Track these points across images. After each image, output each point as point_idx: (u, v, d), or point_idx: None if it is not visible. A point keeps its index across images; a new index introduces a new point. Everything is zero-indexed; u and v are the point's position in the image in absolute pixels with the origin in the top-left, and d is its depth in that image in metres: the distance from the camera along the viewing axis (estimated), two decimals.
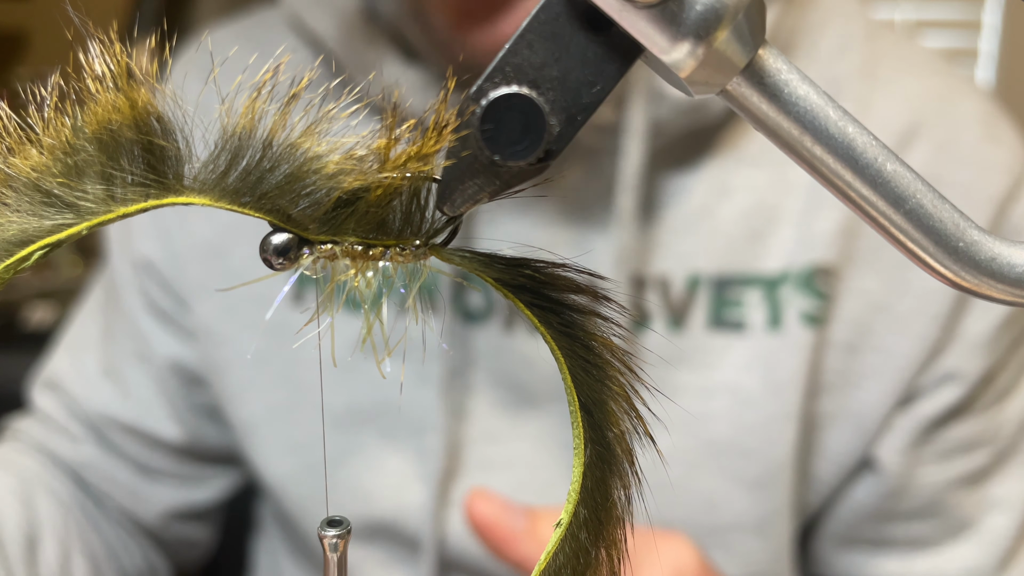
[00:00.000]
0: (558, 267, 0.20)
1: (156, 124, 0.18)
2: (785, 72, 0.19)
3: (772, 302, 0.49)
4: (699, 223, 0.49)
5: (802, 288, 0.49)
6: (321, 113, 0.18)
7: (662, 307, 0.50)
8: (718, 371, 0.50)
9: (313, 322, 0.20)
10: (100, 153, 0.17)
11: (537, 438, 0.52)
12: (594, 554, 0.20)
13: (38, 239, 0.17)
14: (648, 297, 0.50)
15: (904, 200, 0.19)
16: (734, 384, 0.49)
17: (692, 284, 0.50)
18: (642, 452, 0.20)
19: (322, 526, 0.22)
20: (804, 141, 0.19)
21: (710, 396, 0.50)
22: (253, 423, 0.55)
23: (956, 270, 0.20)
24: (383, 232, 0.19)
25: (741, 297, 0.49)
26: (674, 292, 0.50)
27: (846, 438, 0.50)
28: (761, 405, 0.49)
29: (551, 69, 0.19)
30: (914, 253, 0.20)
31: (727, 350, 0.50)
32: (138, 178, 0.17)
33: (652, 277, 0.50)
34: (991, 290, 0.20)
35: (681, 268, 0.50)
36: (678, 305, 0.50)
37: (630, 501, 0.20)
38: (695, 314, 0.50)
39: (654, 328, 0.50)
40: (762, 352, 0.49)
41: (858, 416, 0.50)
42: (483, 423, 0.53)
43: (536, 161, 0.19)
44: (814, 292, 0.48)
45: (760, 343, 0.49)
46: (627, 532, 0.20)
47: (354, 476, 0.54)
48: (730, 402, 0.50)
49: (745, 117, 0.19)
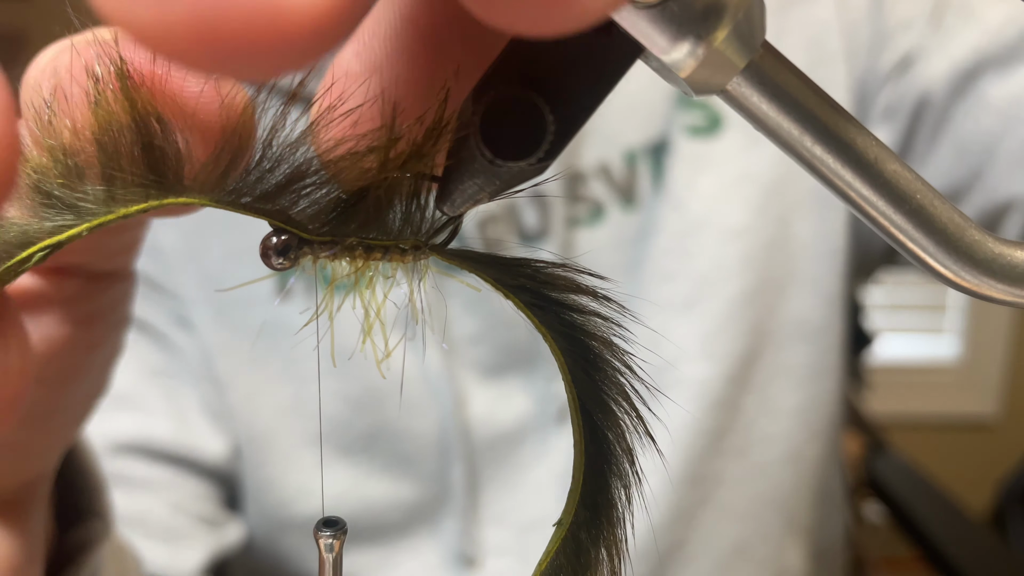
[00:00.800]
0: (558, 267, 0.20)
1: (156, 125, 0.17)
2: (785, 72, 0.19)
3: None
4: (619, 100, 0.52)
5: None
6: (319, 113, 0.18)
7: (610, 191, 0.52)
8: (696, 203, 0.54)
9: (312, 323, 0.20)
10: (100, 154, 0.17)
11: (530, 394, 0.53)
12: (594, 554, 0.20)
13: (39, 241, 0.17)
14: (593, 186, 0.52)
15: (904, 200, 0.19)
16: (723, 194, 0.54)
17: (630, 159, 0.52)
18: (642, 451, 0.20)
19: (318, 526, 0.22)
20: (804, 141, 0.19)
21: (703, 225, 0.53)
22: (268, 432, 0.54)
23: (956, 270, 0.20)
24: (383, 232, 0.19)
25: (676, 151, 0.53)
26: (616, 173, 0.52)
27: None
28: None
29: (551, 69, 0.19)
30: (914, 253, 0.20)
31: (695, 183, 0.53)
32: (138, 179, 0.17)
33: (590, 168, 0.52)
34: (991, 290, 0.20)
35: (615, 148, 0.53)
36: (623, 184, 0.52)
37: (631, 500, 0.20)
38: (642, 185, 0.53)
39: (611, 214, 0.54)
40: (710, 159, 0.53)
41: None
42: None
43: (536, 162, 0.19)
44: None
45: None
46: (628, 531, 0.20)
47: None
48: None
49: (745, 117, 0.19)
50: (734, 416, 0.55)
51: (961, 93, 0.52)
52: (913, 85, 0.53)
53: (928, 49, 0.53)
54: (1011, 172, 0.50)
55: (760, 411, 0.55)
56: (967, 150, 0.52)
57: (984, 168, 0.51)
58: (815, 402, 0.56)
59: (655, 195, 0.54)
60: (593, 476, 0.20)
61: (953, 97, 0.52)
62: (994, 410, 1.96)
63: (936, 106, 0.53)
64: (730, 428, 0.55)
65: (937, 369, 1.94)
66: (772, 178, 0.54)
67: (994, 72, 0.51)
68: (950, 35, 0.52)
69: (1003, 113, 0.50)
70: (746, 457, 0.55)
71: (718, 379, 0.54)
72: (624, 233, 0.54)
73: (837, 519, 0.62)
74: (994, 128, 0.50)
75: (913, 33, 0.53)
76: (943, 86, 0.52)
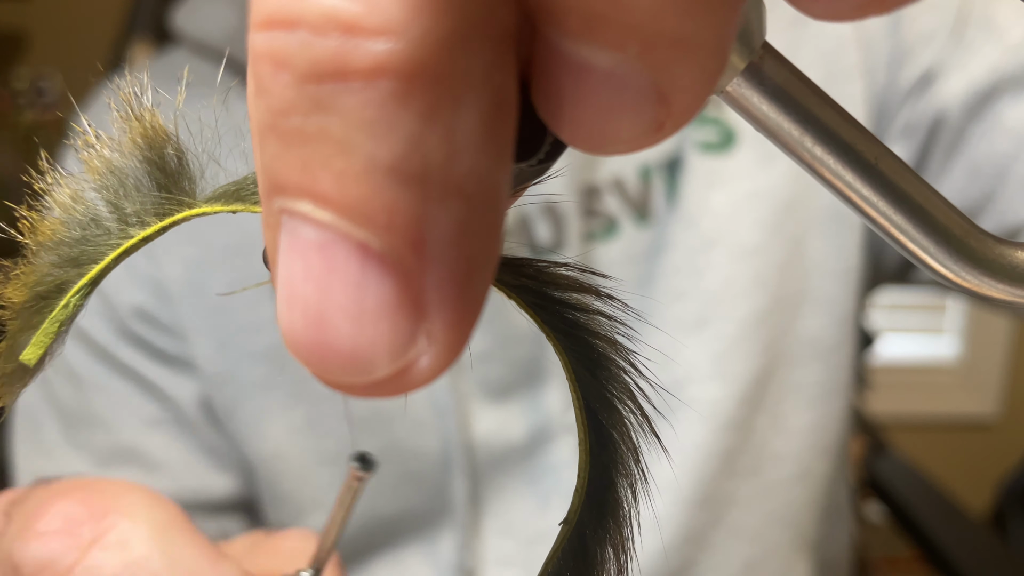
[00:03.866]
0: (561, 266, 0.20)
1: (169, 148, 0.18)
2: (785, 73, 0.19)
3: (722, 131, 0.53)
4: None
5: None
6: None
7: (624, 206, 0.52)
8: (708, 219, 0.54)
9: None
10: (109, 192, 0.18)
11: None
12: (600, 553, 0.20)
13: (72, 285, 0.18)
14: (607, 201, 0.52)
15: (905, 200, 0.19)
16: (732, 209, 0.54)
17: (644, 174, 0.52)
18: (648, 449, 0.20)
19: (353, 456, 0.22)
20: (804, 142, 0.19)
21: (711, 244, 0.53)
22: (279, 452, 0.54)
23: (956, 270, 0.20)
24: None
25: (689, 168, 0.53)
26: (630, 188, 0.52)
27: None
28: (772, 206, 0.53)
29: None
30: (914, 253, 0.20)
31: (707, 199, 0.53)
32: (154, 204, 0.18)
33: (605, 181, 0.52)
34: (991, 290, 0.20)
35: (630, 164, 0.52)
36: (637, 199, 0.52)
37: (636, 499, 0.20)
38: (656, 201, 0.53)
39: (624, 229, 0.54)
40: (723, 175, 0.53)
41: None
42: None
43: (536, 163, 0.19)
44: None
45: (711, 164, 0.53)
46: (634, 530, 0.21)
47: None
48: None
49: (745, 118, 0.20)
50: (746, 436, 0.55)
51: (977, 114, 0.52)
52: (932, 103, 0.53)
53: (949, 65, 0.52)
54: (1022, 196, 0.49)
55: (771, 430, 0.55)
56: (980, 172, 0.51)
57: (996, 191, 0.51)
58: (826, 420, 0.56)
59: (669, 211, 0.53)
60: (598, 475, 0.20)
61: (969, 117, 0.52)
62: (994, 410, 1.96)
63: (952, 125, 0.52)
64: (742, 449, 0.55)
65: (937, 369, 1.94)
66: (785, 196, 0.54)
67: (1011, 94, 0.50)
68: (971, 51, 0.52)
69: (1017, 136, 0.50)
70: (757, 477, 0.55)
71: (730, 400, 0.54)
72: (637, 249, 0.54)
73: (843, 531, 0.62)
74: (1008, 151, 0.50)
75: (935, 46, 0.53)
76: (959, 105, 0.52)
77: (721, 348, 0.53)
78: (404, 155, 0.11)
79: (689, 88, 0.13)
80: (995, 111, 0.50)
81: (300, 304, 0.12)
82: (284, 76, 0.11)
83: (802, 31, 0.54)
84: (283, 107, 0.11)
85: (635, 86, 0.12)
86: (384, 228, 0.12)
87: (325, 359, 0.12)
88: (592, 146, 0.13)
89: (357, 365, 0.12)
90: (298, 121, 0.11)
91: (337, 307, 0.12)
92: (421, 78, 0.11)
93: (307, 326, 0.12)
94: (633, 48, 0.12)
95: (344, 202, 0.11)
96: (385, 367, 0.12)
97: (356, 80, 0.11)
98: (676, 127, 0.13)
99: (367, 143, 0.11)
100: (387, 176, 0.11)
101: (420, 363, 0.12)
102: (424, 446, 0.53)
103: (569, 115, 0.13)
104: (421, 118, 0.11)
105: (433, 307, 0.12)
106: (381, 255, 0.12)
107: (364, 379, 0.12)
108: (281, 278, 0.12)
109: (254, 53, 0.12)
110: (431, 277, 0.12)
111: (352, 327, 0.12)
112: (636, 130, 0.13)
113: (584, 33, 0.12)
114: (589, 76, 0.12)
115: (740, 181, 0.53)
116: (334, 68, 0.11)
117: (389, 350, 0.12)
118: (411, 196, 0.12)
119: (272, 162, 0.12)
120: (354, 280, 0.12)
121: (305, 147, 0.11)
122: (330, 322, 0.12)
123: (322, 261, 0.12)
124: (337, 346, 0.12)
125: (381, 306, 0.12)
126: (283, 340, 0.13)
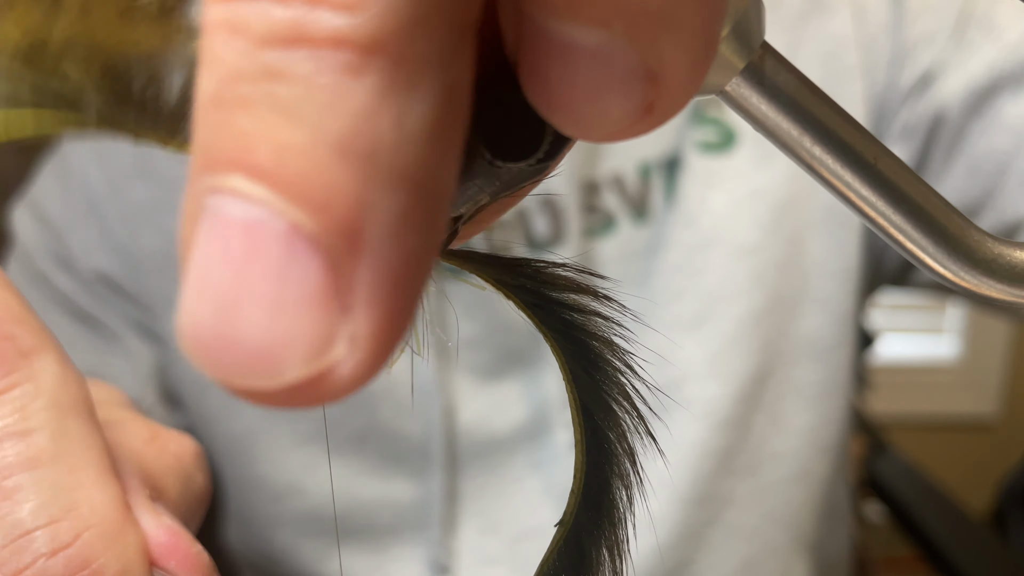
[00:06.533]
0: (558, 267, 0.20)
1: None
2: (784, 72, 0.19)
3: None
4: None
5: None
6: None
7: (622, 203, 0.52)
8: (707, 216, 0.54)
9: None
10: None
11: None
12: (595, 555, 0.20)
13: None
14: (606, 197, 0.52)
15: (904, 200, 0.19)
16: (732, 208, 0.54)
17: (644, 172, 0.52)
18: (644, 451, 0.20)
19: None
20: (803, 142, 0.19)
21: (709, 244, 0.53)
22: (252, 430, 0.54)
23: (956, 270, 0.20)
24: None
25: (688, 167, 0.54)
26: (629, 185, 0.52)
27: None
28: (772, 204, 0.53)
29: None
30: (913, 253, 0.20)
31: (705, 199, 0.54)
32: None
33: (605, 178, 0.52)
34: (991, 290, 0.20)
35: (630, 161, 0.52)
36: (636, 197, 0.52)
37: (632, 501, 0.20)
38: (654, 199, 0.53)
39: (621, 226, 0.54)
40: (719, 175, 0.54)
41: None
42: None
43: (536, 162, 0.19)
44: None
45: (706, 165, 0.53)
46: (630, 532, 0.21)
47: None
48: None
49: (744, 118, 0.20)
50: (744, 435, 0.55)
51: (977, 111, 0.52)
52: (931, 103, 0.53)
53: (949, 65, 0.52)
54: (1022, 192, 0.49)
55: (770, 430, 0.55)
56: (980, 169, 0.51)
57: (996, 187, 0.51)
58: (825, 420, 0.56)
59: (667, 210, 0.53)
60: (594, 476, 0.20)
61: (969, 115, 0.52)
62: (994, 410, 1.96)
63: (952, 124, 0.52)
64: (739, 447, 0.54)
65: (937, 369, 1.94)
66: (784, 196, 0.54)
67: (1010, 91, 0.51)
68: (971, 50, 0.52)
69: (1017, 133, 0.50)
70: (755, 476, 0.55)
71: (727, 399, 0.54)
72: (634, 246, 0.54)
73: (843, 531, 0.62)
74: (1008, 147, 0.50)
75: (935, 48, 0.53)
76: (959, 104, 0.52)
77: (718, 347, 0.53)
78: (353, 132, 0.11)
79: (677, 68, 0.12)
80: (995, 108, 0.50)
81: (210, 292, 0.11)
82: (238, 42, 0.11)
83: (802, 31, 0.54)
84: (232, 75, 0.11)
85: (622, 64, 0.12)
86: (320, 208, 0.11)
87: (229, 356, 0.11)
88: (583, 130, 0.13)
89: (265, 365, 0.11)
90: (245, 89, 0.11)
91: (253, 295, 0.11)
92: (379, 55, 0.11)
93: (214, 317, 0.11)
94: (618, 25, 0.12)
95: (281, 176, 0.11)
96: (296, 369, 0.11)
97: (313, 47, 0.11)
98: (667, 111, 0.13)
99: (315, 113, 0.11)
100: (332, 152, 0.11)
101: (337, 370, 0.11)
102: (409, 429, 0.53)
103: (557, 97, 0.13)
104: (375, 95, 0.11)
105: (360, 305, 0.11)
106: (312, 238, 0.11)
107: (270, 383, 0.11)
108: (194, 265, 0.11)
109: (210, 23, 0.11)
110: (363, 270, 0.11)
111: (265, 318, 0.11)
112: (625, 111, 0.13)
113: (568, 11, 0.12)
114: (575, 56, 0.12)
115: (739, 181, 0.53)
116: (292, 34, 0.11)
117: (304, 349, 0.11)
118: (354, 177, 0.11)
119: (208, 135, 0.11)
120: (277, 265, 0.11)
121: (248, 116, 0.11)
122: (241, 312, 0.11)
123: (245, 242, 0.11)
124: (245, 340, 0.11)
125: (302, 297, 0.11)
126: (178, 338, 0.11)
